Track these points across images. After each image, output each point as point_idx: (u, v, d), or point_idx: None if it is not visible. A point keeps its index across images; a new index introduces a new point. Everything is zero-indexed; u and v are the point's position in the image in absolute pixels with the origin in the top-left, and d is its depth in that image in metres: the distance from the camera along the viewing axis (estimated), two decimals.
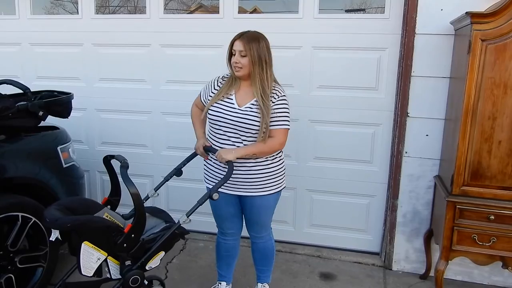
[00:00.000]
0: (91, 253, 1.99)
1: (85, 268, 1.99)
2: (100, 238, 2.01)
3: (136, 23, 3.37)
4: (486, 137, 2.37)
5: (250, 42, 2.18)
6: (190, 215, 2.16)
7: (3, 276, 2.33)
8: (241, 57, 2.19)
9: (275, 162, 2.34)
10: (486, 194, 2.43)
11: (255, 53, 2.18)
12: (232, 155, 2.18)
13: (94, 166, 3.63)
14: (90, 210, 2.18)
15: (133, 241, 2.04)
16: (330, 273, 3.07)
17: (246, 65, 2.19)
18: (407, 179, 2.98)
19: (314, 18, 3.05)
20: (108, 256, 2.04)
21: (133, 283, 2.07)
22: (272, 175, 2.33)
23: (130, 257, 2.07)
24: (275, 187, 2.37)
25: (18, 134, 2.53)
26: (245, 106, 2.23)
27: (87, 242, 1.98)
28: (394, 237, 3.10)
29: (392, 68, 2.97)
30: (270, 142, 2.23)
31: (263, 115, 2.17)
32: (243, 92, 2.28)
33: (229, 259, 2.63)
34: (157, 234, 2.18)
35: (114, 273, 2.09)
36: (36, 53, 3.60)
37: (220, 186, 2.18)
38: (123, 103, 3.50)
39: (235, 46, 2.21)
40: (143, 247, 2.09)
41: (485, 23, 2.26)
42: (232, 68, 2.26)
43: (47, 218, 1.97)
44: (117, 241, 2.01)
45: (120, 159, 2.10)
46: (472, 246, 2.47)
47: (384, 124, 3.07)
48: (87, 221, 2.01)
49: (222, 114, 2.25)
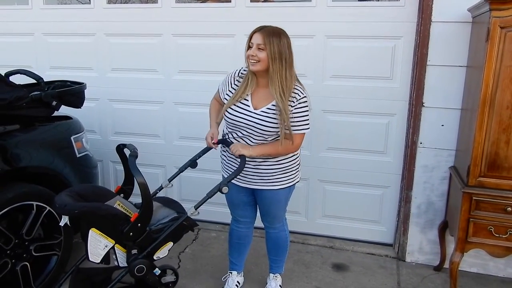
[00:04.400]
0: (99, 240, 2.01)
1: (92, 254, 2.02)
2: (107, 226, 2.03)
3: (148, 13, 3.35)
4: (504, 127, 2.32)
5: (270, 36, 2.05)
6: (199, 208, 2.15)
7: (19, 264, 2.37)
8: (258, 50, 2.07)
9: (287, 158, 2.29)
10: (503, 185, 2.38)
11: (275, 48, 2.05)
12: (247, 151, 2.16)
13: (107, 156, 3.65)
14: (101, 198, 2.19)
15: (139, 230, 2.04)
16: (342, 264, 3.06)
17: (263, 60, 2.07)
18: (422, 170, 2.94)
19: (328, 7, 3.00)
20: (116, 244, 2.06)
21: (138, 272, 2.07)
22: (283, 170, 2.29)
23: (136, 246, 2.08)
24: (286, 182, 2.33)
25: (32, 124, 2.54)
26: (261, 110, 2.16)
27: (95, 229, 2.00)
28: (407, 228, 3.07)
29: (407, 57, 2.92)
30: (286, 144, 2.17)
31: (282, 119, 2.09)
32: (260, 93, 2.20)
33: (241, 247, 2.63)
34: (165, 225, 2.19)
35: (121, 261, 2.10)
36: (49, 43, 3.61)
37: (230, 180, 2.15)
38: (135, 93, 3.50)
39: (253, 39, 2.09)
40: (150, 237, 2.09)
41: (505, 9, 2.19)
42: (247, 62, 2.15)
43: (57, 204, 2.00)
44: (123, 229, 2.02)
45: (131, 148, 2.11)
46: (488, 238, 2.43)
47: (399, 114, 3.03)
48: (94, 209, 2.03)
49: (238, 117, 2.21)
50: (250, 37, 2.13)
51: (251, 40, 2.11)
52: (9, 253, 2.32)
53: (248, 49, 2.13)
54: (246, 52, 2.14)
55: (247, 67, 2.19)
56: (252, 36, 2.11)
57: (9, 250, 2.32)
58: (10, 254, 2.33)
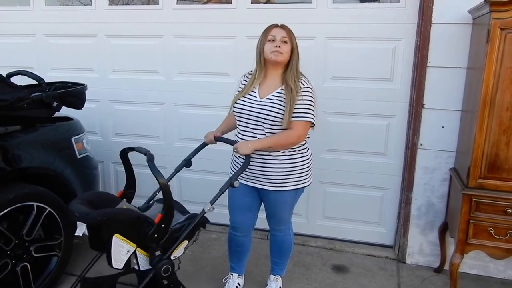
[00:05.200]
0: (122, 245, 2.00)
1: (115, 261, 2.01)
2: (130, 230, 2.03)
3: (149, 14, 3.36)
4: (504, 128, 2.32)
5: (291, 33, 2.24)
6: (214, 203, 2.19)
7: (19, 264, 2.37)
8: (283, 43, 2.20)
9: (294, 158, 2.28)
10: (504, 187, 2.38)
11: (296, 43, 2.25)
12: (246, 149, 2.18)
13: (108, 157, 3.66)
14: (110, 204, 2.20)
15: (163, 231, 2.06)
16: (342, 266, 3.06)
17: (287, 52, 2.21)
18: (422, 172, 2.94)
19: (328, 8, 3.01)
20: (137, 248, 2.06)
21: (165, 272, 2.10)
22: (290, 171, 2.28)
23: (160, 247, 2.09)
24: (293, 184, 2.31)
25: (33, 125, 2.55)
26: (266, 98, 2.23)
27: (118, 235, 1.99)
28: (408, 230, 3.06)
29: (407, 58, 2.92)
30: (287, 133, 2.19)
31: (291, 98, 2.16)
32: (268, 83, 2.28)
33: (240, 254, 2.63)
34: (182, 224, 2.20)
35: (143, 265, 2.10)
36: (50, 44, 3.62)
37: (239, 174, 2.21)
38: (136, 94, 3.51)
39: (276, 33, 2.21)
40: (172, 237, 2.12)
41: (505, 11, 2.19)
42: (266, 55, 2.22)
43: (77, 213, 1.98)
44: (147, 232, 2.03)
45: (144, 151, 2.11)
46: (488, 239, 2.42)
47: (399, 115, 3.03)
48: (118, 214, 2.04)
49: (245, 107, 2.26)
50: (267, 32, 2.24)
51: (270, 33, 2.22)
52: (10, 254, 2.32)
53: (266, 42, 2.23)
54: (264, 45, 2.23)
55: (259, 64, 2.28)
56: (272, 30, 2.23)
57: (9, 250, 2.32)
58: (10, 255, 2.33)
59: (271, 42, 2.21)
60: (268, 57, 2.22)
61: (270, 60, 2.23)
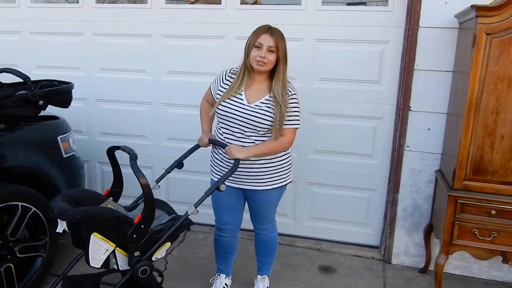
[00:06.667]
0: (100, 244, 1.98)
1: (93, 259, 1.98)
2: (109, 229, 2.00)
3: (138, 13, 3.34)
4: (489, 131, 2.36)
5: (280, 39, 2.14)
6: (198, 206, 2.16)
7: (3, 265, 2.33)
8: (269, 52, 2.13)
9: (279, 156, 2.31)
10: (488, 189, 2.42)
11: (283, 51, 2.16)
12: (242, 154, 2.17)
13: (94, 156, 3.62)
14: (94, 202, 2.17)
15: (142, 232, 2.04)
16: (329, 266, 3.08)
17: (271, 62, 2.15)
18: (408, 173, 2.98)
19: (317, 10, 3.02)
20: (116, 247, 2.04)
21: (142, 274, 2.07)
22: (276, 170, 2.32)
23: (139, 248, 2.07)
24: (278, 181, 2.35)
25: (18, 124, 2.51)
26: (255, 104, 2.20)
27: (96, 234, 1.96)
28: (394, 231, 3.09)
29: (395, 61, 2.95)
30: (280, 140, 2.21)
31: (280, 111, 2.14)
32: (255, 88, 2.24)
33: (227, 254, 2.63)
34: (165, 225, 2.18)
35: (122, 265, 2.08)
36: (36, 42, 3.57)
37: (227, 178, 2.18)
38: (123, 93, 3.48)
39: (263, 40, 2.12)
40: (152, 238, 2.09)
41: (491, 16, 2.23)
42: (251, 61, 2.16)
43: (55, 210, 1.94)
44: (127, 232, 2.00)
45: (127, 150, 2.08)
46: (472, 240, 2.46)
47: (386, 117, 3.06)
48: (97, 212, 2.00)
49: (231, 111, 2.22)
50: (255, 36, 2.15)
51: (258, 40, 2.13)
52: None
53: (253, 48, 2.15)
54: (251, 50, 2.15)
55: (244, 67, 2.21)
56: (260, 36, 2.13)
57: None
58: None
59: (258, 49, 2.14)
60: (252, 64, 2.18)
61: (253, 67, 2.18)
